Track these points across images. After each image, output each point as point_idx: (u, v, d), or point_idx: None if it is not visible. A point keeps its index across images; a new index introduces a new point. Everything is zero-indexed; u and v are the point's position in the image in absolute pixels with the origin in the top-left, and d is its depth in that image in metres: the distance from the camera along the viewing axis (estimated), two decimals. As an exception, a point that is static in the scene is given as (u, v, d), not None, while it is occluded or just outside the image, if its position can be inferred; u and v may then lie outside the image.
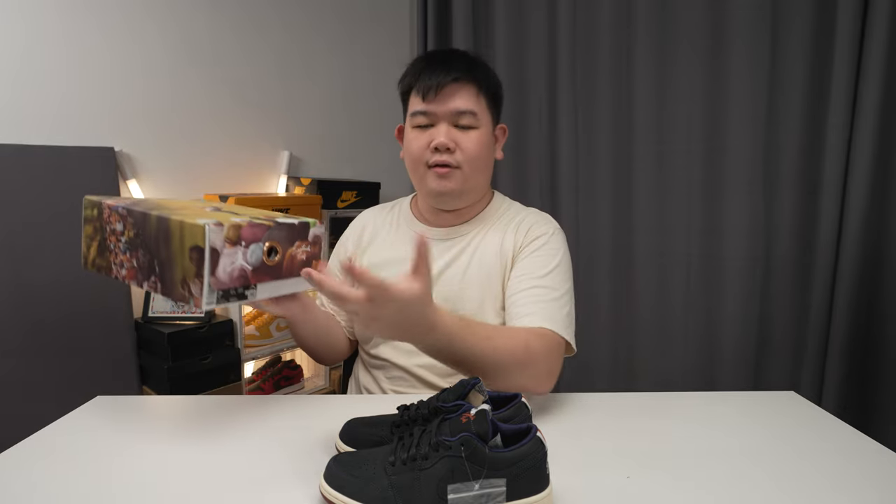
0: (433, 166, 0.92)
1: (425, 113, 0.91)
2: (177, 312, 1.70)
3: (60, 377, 1.50)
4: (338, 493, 0.55)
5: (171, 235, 0.67)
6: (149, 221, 0.70)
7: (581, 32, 1.81)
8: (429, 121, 0.92)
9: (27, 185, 1.47)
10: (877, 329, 1.56)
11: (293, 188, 2.08)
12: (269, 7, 1.99)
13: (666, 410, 0.83)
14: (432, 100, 0.90)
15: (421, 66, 0.93)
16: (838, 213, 1.58)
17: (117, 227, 0.74)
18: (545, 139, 1.90)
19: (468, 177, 0.93)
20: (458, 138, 0.91)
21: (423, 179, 0.94)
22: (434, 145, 0.90)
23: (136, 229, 0.71)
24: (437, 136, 0.90)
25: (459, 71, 0.91)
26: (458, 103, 0.90)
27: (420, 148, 0.92)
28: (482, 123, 0.93)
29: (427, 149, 0.91)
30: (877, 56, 1.47)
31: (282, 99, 2.06)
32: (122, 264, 0.74)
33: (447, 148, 0.90)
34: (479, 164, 0.94)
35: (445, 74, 0.90)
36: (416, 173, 0.95)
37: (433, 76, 0.90)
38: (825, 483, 0.63)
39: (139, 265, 0.72)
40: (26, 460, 0.67)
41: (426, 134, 0.92)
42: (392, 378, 0.97)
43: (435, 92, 0.89)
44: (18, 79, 1.47)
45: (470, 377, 0.65)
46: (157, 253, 0.69)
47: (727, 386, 1.74)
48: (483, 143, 0.93)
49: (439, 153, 0.90)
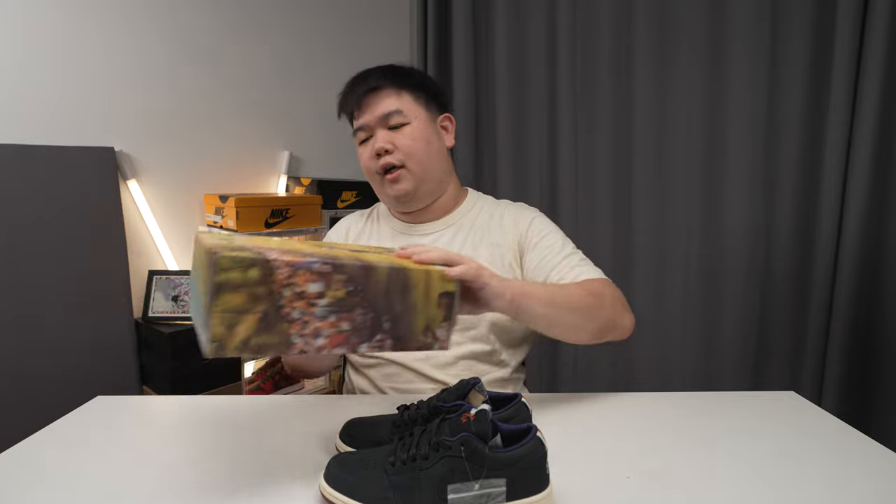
0: (384, 174, 0.97)
1: (361, 128, 0.98)
2: (177, 312, 1.70)
3: (60, 377, 1.50)
4: (338, 493, 0.55)
5: (411, 286, 0.63)
6: (374, 275, 0.61)
7: (581, 32, 1.81)
8: (366, 134, 0.98)
9: (27, 185, 1.47)
10: (877, 329, 1.56)
11: (293, 188, 2.08)
12: (269, 7, 1.99)
13: (666, 410, 0.83)
14: (362, 111, 0.97)
15: (345, 92, 1.01)
16: (838, 213, 1.58)
17: (310, 288, 0.58)
18: (545, 139, 1.90)
19: (416, 172, 0.97)
20: (393, 138, 0.96)
21: (381, 189, 1.00)
22: (375, 152, 0.96)
23: (353, 286, 0.60)
24: (375, 143, 0.96)
25: (374, 80, 0.97)
26: (384, 106, 0.95)
27: (367, 160, 0.98)
28: (413, 117, 0.97)
29: (372, 158, 0.97)
30: (877, 56, 1.47)
31: (282, 99, 2.06)
32: (319, 333, 0.59)
33: (385, 150, 0.95)
34: (421, 156, 0.96)
35: (363, 86, 0.96)
36: (375, 186, 1.01)
37: (353, 93, 0.98)
38: (825, 483, 0.63)
39: (354, 327, 0.61)
40: (26, 460, 0.67)
41: (368, 146, 0.98)
42: (388, 375, 0.97)
43: (358, 105, 0.97)
44: (18, 79, 1.47)
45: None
46: (387, 307, 0.62)
47: (727, 386, 1.74)
48: (418, 136, 0.96)
49: (381, 157, 0.96)
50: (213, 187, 1.88)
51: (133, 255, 1.68)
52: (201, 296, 0.57)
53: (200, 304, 0.58)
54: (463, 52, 1.92)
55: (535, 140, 1.92)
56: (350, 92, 0.99)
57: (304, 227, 1.89)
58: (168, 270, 1.77)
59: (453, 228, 1.02)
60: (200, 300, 0.58)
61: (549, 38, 1.85)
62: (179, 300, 1.71)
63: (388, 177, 0.96)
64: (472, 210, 1.04)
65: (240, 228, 1.71)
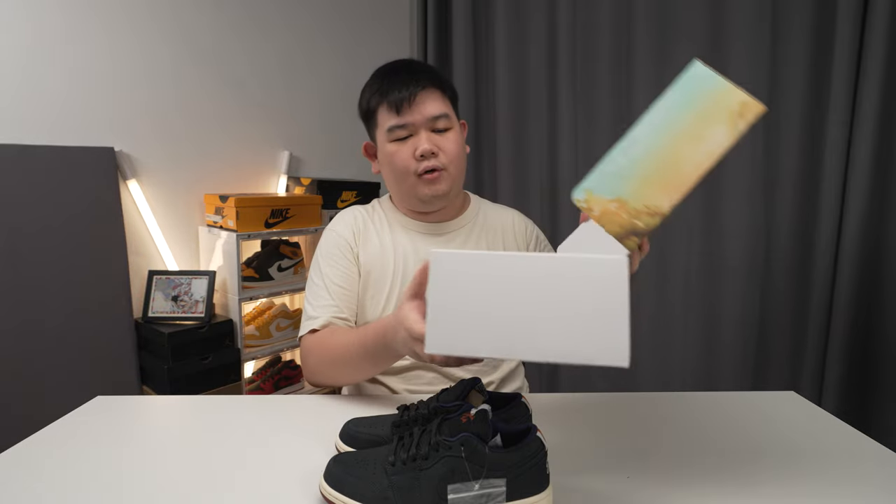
0: (422, 174, 0.94)
1: (403, 125, 0.93)
2: (177, 312, 1.70)
3: (60, 377, 1.50)
4: (338, 493, 0.55)
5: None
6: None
7: (581, 32, 1.81)
8: (407, 132, 0.94)
9: (28, 184, 1.47)
10: (877, 329, 1.56)
11: (293, 188, 2.08)
12: (270, 8, 1.99)
13: (666, 410, 0.83)
14: (408, 110, 0.93)
15: (382, 83, 0.96)
16: (838, 213, 1.58)
17: None
18: (545, 139, 1.90)
19: (453, 176, 0.97)
20: (439, 142, 0.94)
21: (414, 189, 0.96)
22: (420, 153, 0.93)
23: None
24: (421, 144, 0.92)
25: (425, 79, 0.94)
26: (432, 109, 0.94)
27: (405, 159, 0.94)
28: (454, 124, 0.97)
29: (412, 158, 0.94)
30: (877, 56, 1.47)
31: (282, 99, 2.06)
32: None
33: (432, 153, 0.93)
34: (460, 163, 0.98)
35: (415, 84, 0.93)
36: (405, 184, 0.97)
37: (403, 88, 0.93)
38: (825, 483, 0.63)
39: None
40: (26, 460, 0.67)
41: (407, 144, 0.94)
42: (409, 378, 0.96)
43: (409, 102, 0.92)
44: (19, 79, 1.47)
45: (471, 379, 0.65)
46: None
47: (727, 386, 1.74)
48: (460, 143, 0.98)
49: (426, 160, 0.93)
50: (213, 187, 1.88)
51: (133, 255, 1.68)
52: None
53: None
54: (463, 52, 1.92)
55: (535, 140, 1.92)
56: (396, 82, 0.94)
57: (304, 227, 1.89)
58: (168, 270, 1.77)
59: (467, 228, 1.04)
60: None
61: (549, 38, 1.85)
62: (179, 300, 1.71)
63: (427, 177, 0.94)
64: (479, 212, 1.07)
65: (240, 228, 1.71)
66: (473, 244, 1.02)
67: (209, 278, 1.74)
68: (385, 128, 0.95)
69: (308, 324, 0.94)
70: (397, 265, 0.98)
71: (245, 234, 1.72)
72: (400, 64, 0.99)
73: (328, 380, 0.94)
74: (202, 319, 1.69)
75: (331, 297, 0.96)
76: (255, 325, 1.83)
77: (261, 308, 1.90)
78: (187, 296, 1.72)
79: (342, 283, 0.97)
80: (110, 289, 1.61)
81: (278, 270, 1.86)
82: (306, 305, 0.97)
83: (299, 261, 1.94)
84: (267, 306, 1.91)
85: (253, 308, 1.90)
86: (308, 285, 1.00)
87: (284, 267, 1.87)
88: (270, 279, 1.84)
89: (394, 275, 0.98)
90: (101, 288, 1.59)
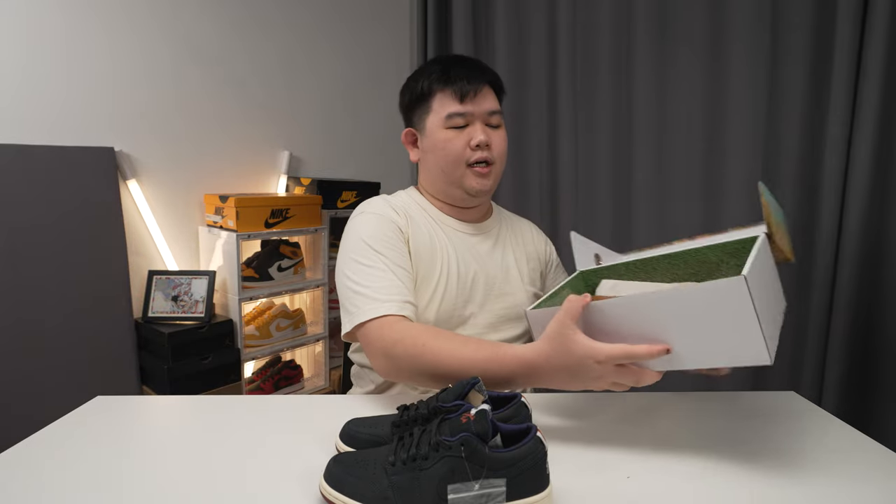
0: (473, 165, 0.95)
1: (463, 114, 0.94)
2: (177, 312, 1.70)
3: (60, 377, 1.50)
4: (338, 493, 0.55)
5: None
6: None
7: (581, 32, 1.81)
8: (465, 121, 0.94)
9: (28, 185, 1.47)
10: (877, 329, 1.56)
11: (293, 188, 2.08)
12: (270, 7, 1.99)
13: (666, 410, 0.83)
14: (471, 100, 0.94)
15: (444, 70, 0.95)
16: (838, 213, 1.58)
17: None
18: (545, 139, 1.90)
19: (498, 173, 0.99)
20: (491, 136, 0.96)
21: (463, 179, 0.96)
22: (476, 143, 0.94)
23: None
24: (477, 135, 0.94)
25: (490, 75, 0.97)
26: (490, 104, 0.96)
27: (460, 147, 0.94)
28: (503, 123, 1.00)
29: (467, 147, 0.94)
30: (877, 56, 1.47)
31: (282, 99, 2.06)
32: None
33: (487, 144, 0.95)
34: (504, 161, 1.00)
35: (480, 76, 0.95)
36: (455, 173, 0.96)
37: (470, 78, 0.94)
38: (825, 483, 0.63)
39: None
40: (26, 460, 0.67)
41: (463, 134, 0.95)
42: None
43: (475, 93, 0.94)
44: (20, 79, 1.47)
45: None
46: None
47: (727, 386, 1.74)
48: (506, 141, 1.00)
49: (481, 150, 0.94)
50: (213, 187, 1.88)
51: (133, 255, 1.68)
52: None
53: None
54: (463, 52, 1.92)
55: (535, 140, 1.92)
56: (461, 72, 0.94)
57: (304, 227, 1.89)
58: (168, 270, 1.77)
59: (495, 231, 1.06)
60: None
61: (549, 38, 1.85)
62: (179, 300, 1.71)
63: (478, 169, 0.95)
64: (501, 218, 1.10)
65: (240, 228, 1.71)
66: (501, 249, 1.04)
67: (209, 278, 1.74)
68: (444, 114, 0.94)
69: (373, 308, 0.82)
70: (443, 258, 0.96)
71: (245, 234, 1.72)
72: (463, 56, 1.01)
73: (408, 380, 0.88)
74: (202, 319, 1.69)
75: (398, 278, 0.87)
76: (255, 325, 1.83)
77: (261, 308, 1.90)
78: (187, 296, 1.72)
79: (405, 265, 0.90)
80: (110, 289, 1.61)
81: (278, 270, 1.86)
82: (359, 290, 0.85)
83: (299, 261, 1.94)
84: (267, 306, 1.91)
85: (253, 308, 1.90)
86: (354, 270, 0.88)
87: (284, 267, 1.88)
88: (270, 279, 1.84)
89: (440, 268, 0.95)
90: (101, 288, 1.59)
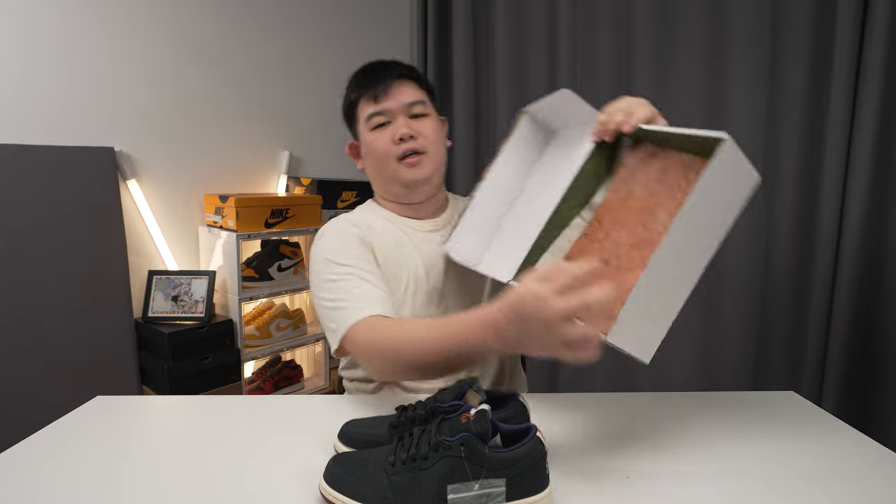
0: (402, 158, 0.96)
1: (381, 112, 0.97)
2: (177, 312, 1.70)
3: (60, 377, 1.50)
4: (337, 494, 0.55)
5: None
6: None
7: (581, 32, 1.81)
8: (385, 119, 0.97)
9: (28, 184, 1.47)
10: (877, 329, 1.56)
11: (293, 188, 2.08)
12: (270, 7, 1.99)
13: (666, 410, 0.83)
14: (385, 97, 0.96)
15: (360, 78, 1.01)
16: (838, 212, 1.58)
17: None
18: (545, 139, 1.90)
19: (433, 160, 0.99)
20: (416, 126, 0.97)
21: (395, 174, 0.98)
22: (399, 136, 0.95)
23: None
24: (399, 129, 0.95)
25: (399, 70, 0.99)
26: (407, 96, 0.97)
27: (385, 144, 0.96)
28: (430, 111, 1.01)
29: (392, 143, 0.96)
30: (877, 56, 1.47)
31: (281, 99, 2.06)
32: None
33: (411, 136, 0.96)
34: (439, 148, 1.00)
35: (389, 74, 0.97)
36: (386, 170, 0.99)
37: (379, 79, 0.97)
38: (825, 483, 0.63)
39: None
40: (26, 460, 0.67)
41: (386, 131, 0.97)
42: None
43: (385, 90, 0.96)
44: (19, 79, 1.47)
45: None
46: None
47: (727, 386, 1.74)
48: (437, 128, 1.00)
49: (405, 142, 0.95)
50: (213, 187, 1.88)
51: (133, 255, 1.68)
52: None
53: None
54: (463, 52, 1.92)
55: (535, 140, 1.91)
56: (373, 76, 0.98)
57: (304, 227, 1.89)
58: (168, 270, 1.77)
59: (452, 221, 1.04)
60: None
61: (550, 38, 1.85)
62: (179, 300, 1.71)
63: (408, 160, 0.96)
64: (457, 206, 1.09)
65: (240, 228, 1.71)
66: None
67: (209, 278, 1.74)
68: (364, 117, 0.98)
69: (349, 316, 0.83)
70: (410, 259, 0.97)
71: (245, 234, 1.72)
72: (375, 62, 1.03)
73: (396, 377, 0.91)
74: (202, 319, 1.69)
75: (368, 283, 0.88)
76: (254, 325, 1.83)
77: (261, 308, 1.90)
78: (187, 296, 1.72)
79: (373, 269, 0.91)
80: (110, 289, 1.61)
81: (278, 270, 1.86)
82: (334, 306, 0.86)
83: (299, 261, 1.94)
84: (267, 306, 1.91)
85: (253, 308, 1.90)
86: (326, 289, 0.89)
87: (284, 267, 1.88)
88: (270, 279, 1.84)
89: (408, 269, 0.96)
90: (100, 288, 1.59)
